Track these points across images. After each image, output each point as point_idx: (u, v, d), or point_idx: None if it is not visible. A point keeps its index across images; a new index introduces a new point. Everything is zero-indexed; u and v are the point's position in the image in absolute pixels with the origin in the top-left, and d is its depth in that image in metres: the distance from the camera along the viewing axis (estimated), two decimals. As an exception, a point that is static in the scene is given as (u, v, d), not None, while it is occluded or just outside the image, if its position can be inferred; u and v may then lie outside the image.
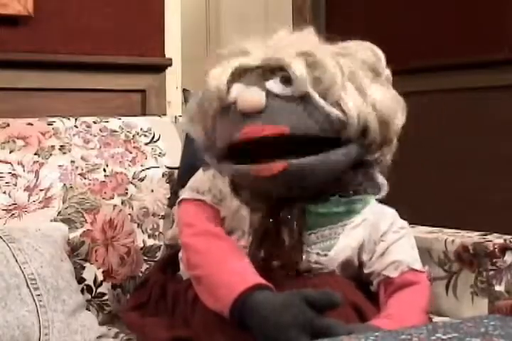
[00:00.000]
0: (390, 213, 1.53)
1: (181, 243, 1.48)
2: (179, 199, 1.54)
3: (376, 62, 1.45)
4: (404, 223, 1.53)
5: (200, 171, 1.56)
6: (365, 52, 1.45)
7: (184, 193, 1.54)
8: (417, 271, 1.46)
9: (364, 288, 1.46)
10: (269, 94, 1.38)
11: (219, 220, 1.48)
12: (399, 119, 1.45)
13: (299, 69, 1.37)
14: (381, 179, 1.51)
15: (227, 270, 1.35)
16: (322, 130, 1.38)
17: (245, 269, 1.37)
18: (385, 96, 1.43)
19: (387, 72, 1.47)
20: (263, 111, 1.37)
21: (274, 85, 1.39)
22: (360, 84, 1.40)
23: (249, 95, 1.38)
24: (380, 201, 1.54)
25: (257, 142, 1.37)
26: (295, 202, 1.43)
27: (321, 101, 1.37)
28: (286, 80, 1.39)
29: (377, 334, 0.97)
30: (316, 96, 1.37)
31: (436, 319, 1.51)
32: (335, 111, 1.37)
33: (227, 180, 1.49)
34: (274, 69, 1.41)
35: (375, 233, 1.48)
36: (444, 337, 0.94)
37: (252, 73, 1.42)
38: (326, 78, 1.38)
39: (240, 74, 1.42)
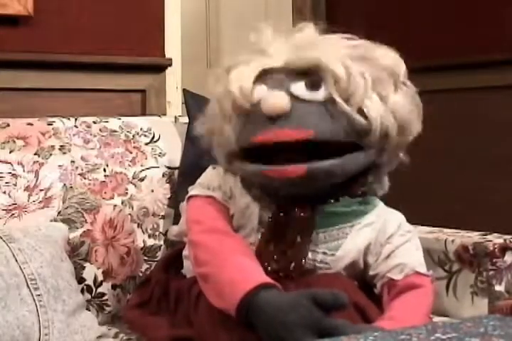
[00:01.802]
0: (398, 216, 1.53)
1: (189, 240, 1.47)
2: (188, 196, 1.53)
3: (396, 68, 1.44)
4: (411, 226, 1.53)
5: (210, 168, 1.55)
6: (388, 58, 1.44)
7: (194, 189, 1.53)
8: (421, 274, 1.46)
9: (368, 290, 1.46)
10: (293, 97, 1.38)
11: (228, 217, 1.47)
12: (416, 128, 1.45)
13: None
14: (386, 179, 1.52)
15: (235, 268, 1.35)
16: (346, 135, 1.37)
17: (253, 268, 1.36)
18: (404, 104, 1.42)
19: (406, 80, 1.45)
20: (288, 114, 1.36)
21: (299, 89, 1.39)
22: (382, 92, 1.39)
23: (273, 99, 1.37)
24: (385, 203, 1.54)
25: (278, 145, 1.36)
26: (306, 200, 1.43)
27: (346, 107, 1.37)
28: (312, 84, 1.38)
29: (376, 334, 0.97)
30: (341, 101, 1.37)
31: (436, 319, 1.51)
32: (358, 118, 1.37)
33: (238, 177, 1.48)
34: (298, 72, 1.40)
35: (381, 235, 1.48)
36: (443, 337, 0.94)
37: (276, 75, 1.41)
38: (349, 84, 1.37)
39: (261, 75, 1.41)
